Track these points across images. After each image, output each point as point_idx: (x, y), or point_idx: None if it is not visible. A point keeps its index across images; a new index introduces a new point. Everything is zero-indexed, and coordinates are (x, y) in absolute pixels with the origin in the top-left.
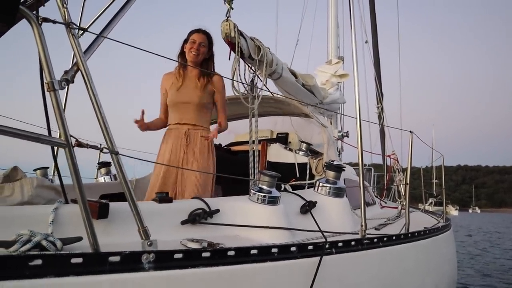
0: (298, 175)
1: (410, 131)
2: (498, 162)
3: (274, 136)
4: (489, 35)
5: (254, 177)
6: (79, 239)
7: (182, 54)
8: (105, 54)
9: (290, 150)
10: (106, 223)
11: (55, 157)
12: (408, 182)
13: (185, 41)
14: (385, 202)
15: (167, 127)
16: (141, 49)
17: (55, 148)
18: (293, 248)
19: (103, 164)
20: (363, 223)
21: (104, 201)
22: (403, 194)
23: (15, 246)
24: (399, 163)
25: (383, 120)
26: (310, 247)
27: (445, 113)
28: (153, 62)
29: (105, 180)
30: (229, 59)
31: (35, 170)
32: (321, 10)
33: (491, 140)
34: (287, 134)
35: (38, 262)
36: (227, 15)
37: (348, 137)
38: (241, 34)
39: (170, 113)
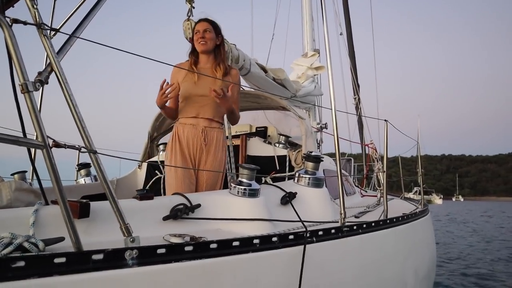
0: (278, 168)
1: (385, 120)
2: (481, 151)
3: (253, 130)
4: (479, 30)
5: (231, 171)
6: (61, 239)
7: (193, 51)
8: (82, 56)
9: (269, 143)
10: (87, 223)
11: (32, 160)
12: (385, 170)
13: (193, 37)
14: (366, 191)
15: (177, 120)
16: (117, 49)
17: (32, 150)
18: (274, 239)
19: (83, 166)
20: (342, 211)
21: (84, 200)
22: (382, 182)
23: None
24: (377, 152)
25: (360, 110)
26: (291, 236)
27: (431, 105)
28: (136, 63)
29: (85, 182)
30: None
31: (12, 174)
32: (295, 3)
33: (475, 130)
34: (266, 128)
35: (21, 263)
36: (188, 15)
37: (326, 128)
38: None
39: (184, 106)
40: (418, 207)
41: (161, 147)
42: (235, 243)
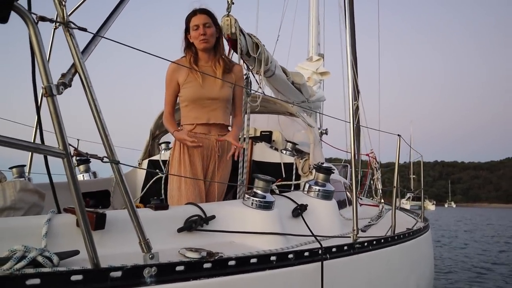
0: (284, 175)
1: (398, 135)
2: (474, 158)
3: (258, 134)
4: (475, 38)
5: (243, 176)
6: (76, 252)
7: (189, 46)
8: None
9: (276, 149)
10: (101, 234)
11: (47, 166)
12: (395, 185)
13: (186, 30)
14: (361, 199)
15: (181, 126)
16: (137, 49)
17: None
18: (290, 255)
19: (82, 161)
20: (355, 227)
21: (101, 211)
22: (380, 192)
23: (8, 263)
24: (376, 161)
25: (358, 117)
26: (307, 253)
27: (424, 111)
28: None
29: (84, 178)
30: (227, 55)
31: (11, 168)
32: (302, 6)
33: (467, 137)
34: (271, 132)
35: (36, 281)
36: (228, 10)
37: (327, 134)
38: (240, 30)
39: (191, 110)
40: (417, 220)
41: (163, 145)
42: (253, 260)
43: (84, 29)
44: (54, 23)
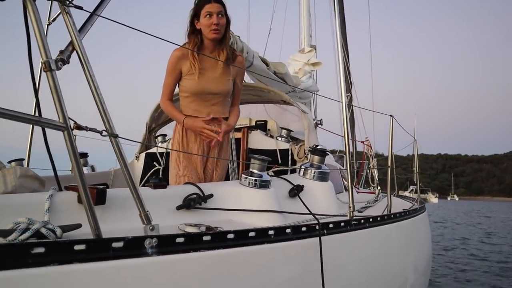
0: (280, 161)
1: (391, 115)
2: (477, 151)
3: (253, 124)
4: (473, 28)
5: (233, 164)
6: (78, 226)
7: (194, 32)
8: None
9: (271, 137)
10: (102, 210)
11: (47, 143)
12: (389, 165)
13: (196, 16)
14: (358, 189)
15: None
16: (139, 30)
17: (45, 132)
18: (288, 230)
19: (80, 155)
20: (350, 205)
21: (101, 186)
22: (376, 179)
23: (13, 234)
24: (372, 149)
25: (352, 108)
26: (304, 228)
27: (426, 104)
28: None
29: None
30: None
31: (10, 162)
32: None
33: (470, 130)
34: (265, 121)
35: (41, 250)
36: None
37: (321, 125)
38: None
39: (192, 102)
40: (414, 204)
41: (159, 138)
42: (251, 234)
43: (80, 7)
44: (50, 0)
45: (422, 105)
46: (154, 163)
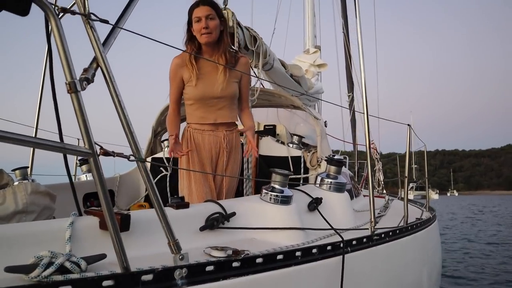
0: (291, 169)
1: (408, 124)
2: (474, 146)
3: (261, 128)
4: (469, 25)
5: (248, 171)
6: (103, 256)
7: (191, 39)
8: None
9: (282, 143)
10: (125, 235)
11: (67, 166)
12: (406, 175)
13: (189, 23)
14: (361, 191)
15: (189, 125)
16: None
17: (66, 159)
18: (314, 250)
19: (85, 161)
20: (372, 219)
21: (125, 212)
22: (382, 183)
23: (36, 271)
24: (377, 152)
25: (353, 109)
26: (329, 247)
27: (423, 101)
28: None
29: (87, 178)
30: None
31: (13, 170)
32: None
33: (466, 124)
34: (274, 126)
35: None
36: (225, 3)
37: (326, 126)
38: (238, 24)
39: (197, 109)
40: (423, 210)
41: (165, 143)
42: (279, 257)
43: (106, 21)
44: (75, 15)
45: (416, 102)
46: (161, 168)
